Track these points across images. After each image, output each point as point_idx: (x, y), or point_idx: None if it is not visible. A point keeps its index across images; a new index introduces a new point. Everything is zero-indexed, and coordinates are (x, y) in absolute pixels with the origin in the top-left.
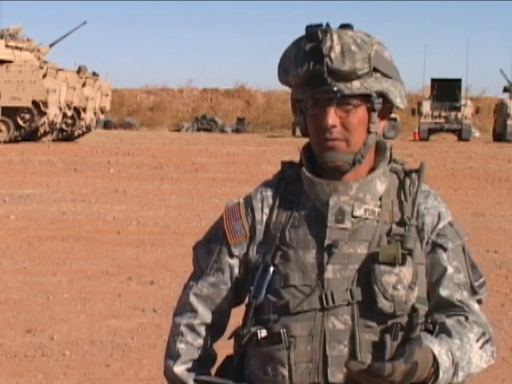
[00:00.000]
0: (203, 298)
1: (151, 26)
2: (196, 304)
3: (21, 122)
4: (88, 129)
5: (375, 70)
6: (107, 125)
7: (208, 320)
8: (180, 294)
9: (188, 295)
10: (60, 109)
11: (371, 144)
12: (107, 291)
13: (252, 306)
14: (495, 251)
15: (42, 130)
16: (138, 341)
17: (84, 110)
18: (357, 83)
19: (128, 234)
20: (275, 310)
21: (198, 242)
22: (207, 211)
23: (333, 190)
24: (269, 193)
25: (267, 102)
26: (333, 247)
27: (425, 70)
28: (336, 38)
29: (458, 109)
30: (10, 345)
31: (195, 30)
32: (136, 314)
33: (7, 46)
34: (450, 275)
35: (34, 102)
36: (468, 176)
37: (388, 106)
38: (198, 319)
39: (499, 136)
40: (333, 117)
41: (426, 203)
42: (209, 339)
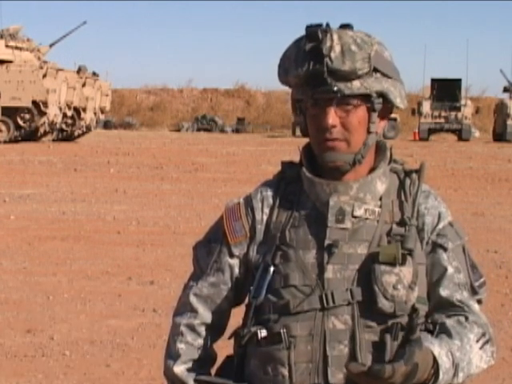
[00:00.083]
0: (203, 298)
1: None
2: (196, 304)
3: (21, 122)
4: (88, 129)
5: (375, 69)
6: (107, 125)
7: (208, 320)
8: (180, 294)
9: (188, 295)
10: (60, 109)
11: (371, 144)
12: (107, 291)
13: (252, 306)
14: (495, 251)
15: (41, 130)
16: (138, 341)
17: (84, 110)
18: (357, 83)
19: (128, 233)
20: (275, 310)
21: (198, 242)
22: (207, 211)
23: (333, 189)
24: (269, 193)
25: (267, 101)
26: (333, 247)
27: (425, 70)
28: (336, 37)
29: (458, 109)
30: (9, 345)
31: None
32: (136, 314)
33: (7, 46)
34: (450, 275)
35: (34, 102)
36: (468, 176)
37: (388, 106)
38: (198, 319)
39: (499, 136)
40: (333, 117)
41: (427, 203)
42: (209, 339)
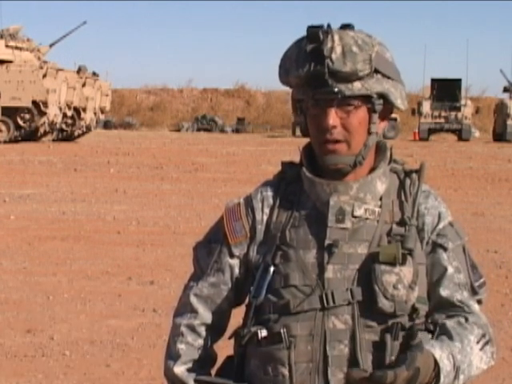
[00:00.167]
0: (203, 298)
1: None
2: (196, 304)
3: (21, 122)
4: (88, 129)
5: (376, 71)
6: (107, 125)
7: (208, 320)
8: (180, 294)
9: (188, 295)
10: (60, 109)
11: (372, 145)
12: (107, 291)
13: (252, 306)
14: (495, 251)
15: (42, 130)
16: (138, 341)
17: (84, 110)
18: (358, 84)
19: (128, 233)
20: (275, 310)
21: (198, 242)
22: (207, 211)
23: (333, 189)
24: (269, 193)
25: (267, 102)
26: (333, 247)
27: (425, 70)
28: (337, 38)
29: (458, 109)
30: (9, 345)
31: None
32: (136, 313)
33: (7, 46)
34: (451, 275)
35: (34, 102)
36: (468, 176)
37: (388, 107)
38: (199, 319)
39: (499, 136)
40: (333, 117)
41: (427, 203)
42: (209, 339)
